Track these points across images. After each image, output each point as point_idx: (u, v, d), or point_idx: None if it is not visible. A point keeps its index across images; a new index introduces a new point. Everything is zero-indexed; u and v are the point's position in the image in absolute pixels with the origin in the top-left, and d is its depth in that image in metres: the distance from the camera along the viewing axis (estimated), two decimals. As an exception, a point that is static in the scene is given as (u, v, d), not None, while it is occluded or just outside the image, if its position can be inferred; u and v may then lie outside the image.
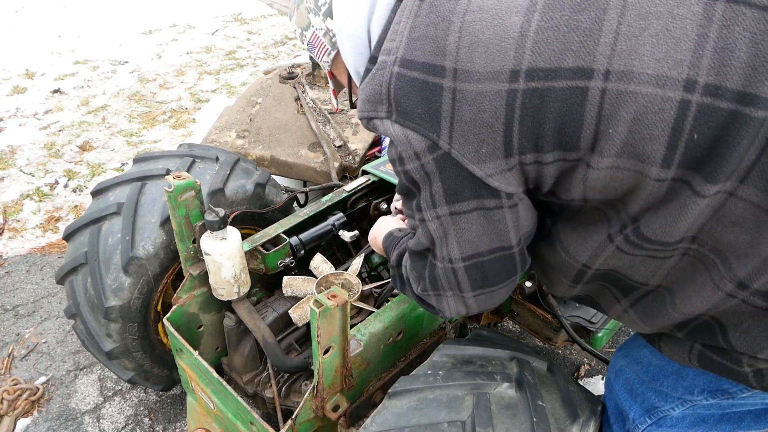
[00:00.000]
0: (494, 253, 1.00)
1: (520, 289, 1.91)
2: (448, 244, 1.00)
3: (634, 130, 0.76)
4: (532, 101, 0.79)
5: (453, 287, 1.07)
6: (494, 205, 0.92)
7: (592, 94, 0.76)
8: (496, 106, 0.81)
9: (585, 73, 0.76)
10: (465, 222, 0.95)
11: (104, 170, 3.78)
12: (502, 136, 0.83)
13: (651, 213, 0.84)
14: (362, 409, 1.46)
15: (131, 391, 2.26)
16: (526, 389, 1.21)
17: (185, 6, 7.13)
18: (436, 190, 0.92)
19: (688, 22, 0.72)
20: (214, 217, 1.45)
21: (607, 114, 0.76)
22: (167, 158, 1.87)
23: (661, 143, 0.76)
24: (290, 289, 1.69)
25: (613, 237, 0.92)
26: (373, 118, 0.93)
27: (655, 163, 0.78)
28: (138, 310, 1.69)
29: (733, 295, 0.86)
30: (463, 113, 0.83)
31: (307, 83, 3.00)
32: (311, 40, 1.15)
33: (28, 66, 5.34)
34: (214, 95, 4.87)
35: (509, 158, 0.86)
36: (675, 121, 0.74)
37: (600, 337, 1.91)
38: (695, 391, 1.11)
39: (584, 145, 0.81)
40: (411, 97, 0.87)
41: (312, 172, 2.55)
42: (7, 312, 2.66)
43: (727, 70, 0.71)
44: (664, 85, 0.73)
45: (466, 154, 0.86)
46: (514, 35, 0.78)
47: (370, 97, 0.92)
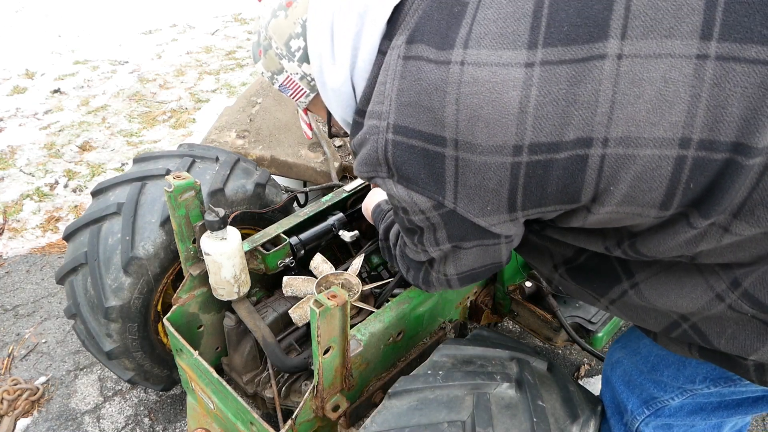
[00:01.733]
0: (486, 267, 1.10)
1: (520, 289, 1.91)
2: (446, 265, 1.09)
3: (634, 185, 0.79)
4: (536, 171, 0.81)
5: (443, 286, 1.20)
6: (493, 243, 0.99)
7: (592, 160, 0.78)
8: (500, 176, 0.83)
9: (585, 142, 0.78)
10: (464, 253, 1.03)
11: (104, 170, 3.78)
12: (506, 199, 0.86)
13: (649, 234, 0.87)
14: (362, 409, 1.46)
15: (131, 391, 2.26)
16: (526, 389, 1.21)
17: (185, 6, 7.12)
18: (441, 235, 0.98)
19: (680, 84, 0.73)
20: (214, 217, 1.45)
21: (607, 175, 0.79)
22: (167, 158, 1.87)
23: (659, 193, 0.79)
24: (290, 289, 1.69)
25: (611, 249, 0.95)
26: (374, 177, 0.95)
27: (654, 207, 0.81)
28: (138, 310, 1.69)
29: (722, 297, 0.89)
30: (467, 179, 0.85)
31: (307, 83, 3.00)
32: (284, 83, 1.12)
33: (28, 66, 5.34)
34: (214, 95, 4.87)
35: (512, 213, 0.89)
36: (672, 174, 0.77)
37: (600, 337, 1.91)
38: (697, 380, 1.12)
39: (585, 199, 0.83)
40: (412, 164, 0.88)
41: (312, 172, 2.55)
42: (7, 312, 2.66)
43: (720, 125, 0.73)
44: (660, 146, 0.76)
45: (472, 210, 0.89)
46: (514, 111, 0.78)
47: (367, 160, 0.93)
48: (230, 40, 6.21)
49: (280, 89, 1.15)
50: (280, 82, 1.12)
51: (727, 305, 0.89)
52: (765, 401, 1.12)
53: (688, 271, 0.92)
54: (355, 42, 0.95)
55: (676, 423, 1.23)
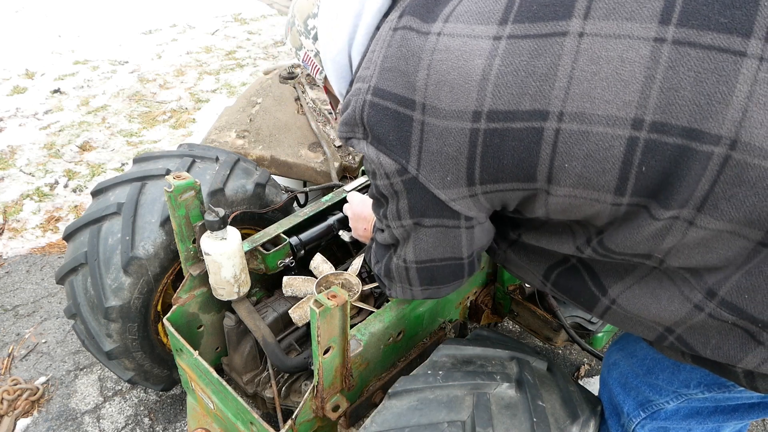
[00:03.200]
0: (446, 261, 1.11)
1: (520, 289, 1.91)
2: (407, 248, 1.11)
3: (588, 165, 0.81)
4: (493, 140, 0.85)
5: (403, 281, 1.21)
6: (453, 224, 1.00)
7: (546, 134, 0.81)
8: (459, 142, 0.87)
9: (540, 115, 0.81)
10: (424, 234, 1.04)
11: (104, 170, 3.78)
12: (465, 168, 0.89)
13: (615, 227, 0.89)
14: (362, 409, 1.46)
15: (131, 391, 2.26)
16: (526, 389, 1.21)
17: (185, 6, 7.12)
18: (403, 206, 1.01)
19: (636, 65, 0.75)
20: (214, 217, 1.45)
21: (561, 151, 0.82)
22: (167, 158, 1.87)
23: (612, 175, 0.81)
24: (290, 289, 1.69)
25: (581, 248, 0.98)
26: (351, 138, 1.00)
27: (609, 191, 0.83)
28: (138, 310, 1.69)
29: (701, 307, 0.89)
30: (430, 144, 0.89)
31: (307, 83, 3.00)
32: (304, 59, 1.22)
33: (28, 66, 5.34)
34: (214, 95, 4.87)
35: (471, 187, 0.92)
36: (624, 155, 0.79)
37: (600, 337, 1.91)
38: (691, 385, 1.12)
39: (541, 178, 0.86)
40: (383, 125, 0.93)
41: (312, 172, 2.55)
42: (7, 312, 2.66)
43: (673, 108, 0.75)
44: (613, 124, 0.78)
45: (432, 180, 0.93)
46: (476, 78, 0.83)
47: (347, 120, 0.99)
48: (230, 40, 6.21)
49: (302, 65, 1.24)
50: (301, 58, 1.23)
51: (707, 314, 0.89)
52: (761, 407, 1.11)
53: (660, 282, 0.93)
54: (356, 20, 1.03)
55: (673, 426, 1.23)
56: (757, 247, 0.80)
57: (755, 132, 0.72)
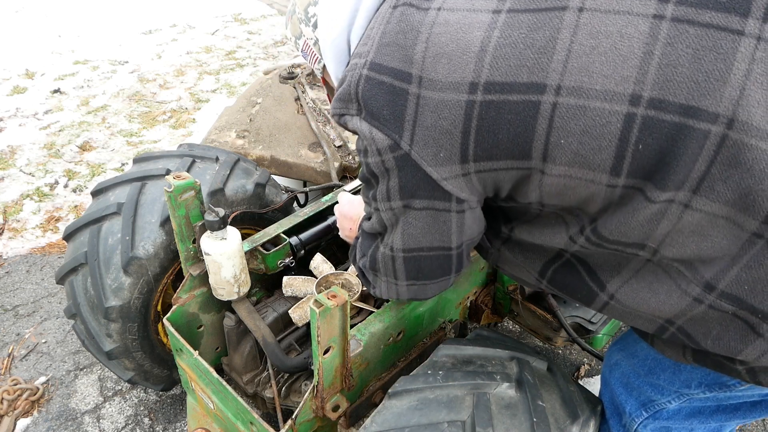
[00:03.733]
0: (434, 251, 1.07)
1: (520, 289, 1.91)
2: (395, 234, 1.07)
3: (584, 141, 0.81)
4: (488, 113, 0.84)
5: (389, 274, 1.16)
6: (443, 207, 0.97)
7: (543, 108, 0.81)
8: (455, 115, 0.86)
9: (538, 88, 0.80)
10: (413, 218, 1.01)
11: (104, 170, 3.78)
12: (459, 143, 0.88)
13: (609, 214, 0.88)
14: (362, 409, 1.46)
15: (131, 391, 2.26)
16: (526, 389, 1.20)
17: (185, 6, 7.12)
18: (393, 185, 0.98)
19: (635, 40, 0.76)
20: (214, 217, 1.45)
21: (557, 126, 0.81)
22: (167, 158, 1.87)
23: (609, 153, 0.80)
24: (290, 289, 1.69)
25: (574, 238, 0.96)
26: (344, 115, 0.99)
27: (604, 171, 0.82)
28: (138, 310, 1.69)
29: (700, 300, 0.88)
30: (425, 119, 0.88)
31: (307, 83, 3.00)
32: (303, 48, 1.21)
33: (28, 66, 5.34)
34: (214, 95, 4.87)
35: (464, 164, 0.91)
36: (621, 132, 0.78)
37: (600, 337, 1.91)
38: (692, 385, 1.12)
39: (536, 155, 0.85)
40: (378, 99, 0.92)
41: (312, 172, 2.55)
42: (7, 312, 2.66)
43: (671, 84, 0.75)
44: (611, 99, 0.77)
45: (425, 157, 0.91)
46: (475, 50, 0.84)
47: (341, 96, 0.98)
48: (230, 40, 6.21)
49: (302, 55, 1.24)
50: (300, 47, 1.22)
51: (707, 305, 0.88)
52: (763, 406, 1.11)
53: (656, 275, 0.92)
54: (356, 4, 1.03)
55: (675, 426, 1.23)
56: (752, 238, 0.79)
57: (752, 111, 0.72)
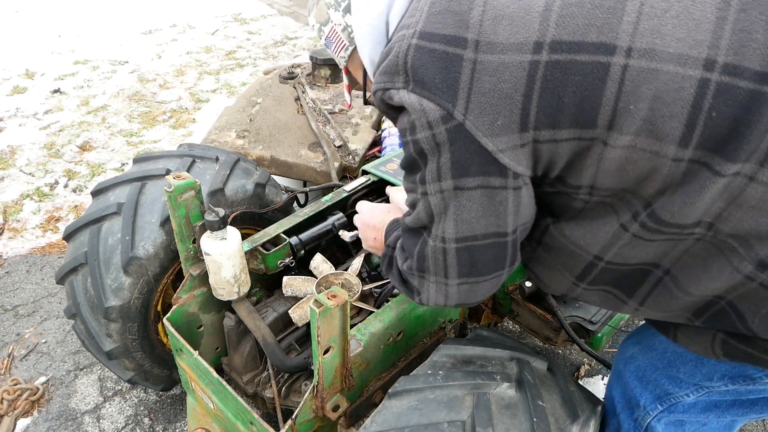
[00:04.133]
0: (488, 239, 0.99)
1: (520, 289, 1.91)
2: (445, 221, 0.98)
3: (655, 107, 0.78)
4: (554, 73, 0.81)
5: (439, 272, 1.05)
6: (499, 184, 0.91)
7: (613, 70, 0.78)
8: (517, 77, 0.83)
9: (607, 48, 0.78)
10: (466, 199, 0.93)
11: (104, 170, 3.78)
12: (519, 108, 0.84)
13: (667, 196, 0.85)
14: (362, 409, 1.46)
15: (131, 391, 2.26)
16: (526, 389, 1.20)
17: (185, 6, 7.13)
18: (444, 162, 0.91)
19: (707, 5, 0.75)
20: (214, 217, 1.45)
21: (627, 90, 0.79)
22: (167, 158, 1.87)
23: (680, 121, 0.78)
24: (290, 289, 1.69)
25: (627, 226, 0.92)
26: (388, 89, 0.93)
27: (673, 141, 0.79)
28: (138, 310, 1.69)
29: (752, 278, 0.87)
30: (482, 84, 0.84)
31: (307, 83, 3.00)
32: (329, 35, 1.18)
33: (28, 66, 5.34)
34: (214, 95, 4.87)
35: (524, 133, 0.86)
36: (694, 99, 0.76)
37: (600, 338, 1.91)
38: (714, 377, 1.10)
39: (602, 123, 0.82)
40: (429, 68, 0.87)
41: (312, 172, 2.55)
42: (7, 312, 2.66)
43: (746, 50, 0.74)
44: (684, 63, 0.76)
45: (480, 126, 0.86)
46: (539, 9, 0.81)
47: (387, 69, 0.93)
48: (230, 40, 6.21)
49: (325, 43, 1.21)
50: (325, 34, 1.19)
51: (758, 284, 0.86)
52: None
53: (709, 252, 0.89)
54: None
55: (689, 419, 1.21)
56: None
57: None
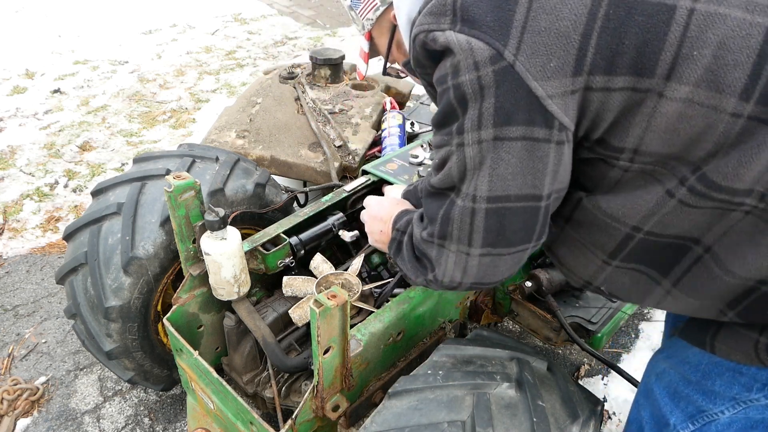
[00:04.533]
0: (522, 201, 0.93)
1: (520, 288, 1.91)
2: (479, 177, 0.92)
3: (719, 55, 0.76)
4: (617, 12, 0.79)
5: (463, 238, 0.99)
6: (543, 136, 0.87)
7: (679, 13, 0.77)
8: (577, 14, 0.80)
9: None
10: (506, 152, 0.88)
11: (104, 170, 3.78)
12: (576, 49, 0.81)
13: (720, 157, 0.82)
14: (362, 409, 1.46)
15: (131, 391, 2.26)
16: (526, 389, 1.20)
17: (185, 6, 7.13)
18: (487, 107, 0.86)
19: None
20: (214, 217, 1.45)
21: (692, 36, 0.77)
22: (167, 158, 1.87)
23: (744, 71, 0.76)
24: (290, 289, 1.69)
25: (673, 191, 0.87)
26: (432, 31, 0.89)
27: (734, 94, 0.77)
28: (138, 310, 1.69)
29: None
30: (537, 22, 0.82)
31: (307, 83, 3.00)
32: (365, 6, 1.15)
33: (28, 66, 5.34)
34: (214, 95, 4.87)
35: (577, 77, 0.83)
36: (761, 47, 0.74)
37: (600, 338, 1.91)
38: (755, 388, 1.01)
39: (661, 71, 0.79)
40: (481, 5, 0.85)
41: (312, 172, 2.55)
42: (7, 312, 2.66)
43: None
44: (753, 10, 0.74)
45: (531, 68, 0.82)
46: None
47: (433, 9, 0.89)
48: (230, 40, 6.21)
49: (351, 4, 1.17)
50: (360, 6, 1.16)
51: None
52: None
53: (758, 228, 0.84)
54: None
55: None
56: None
57: None
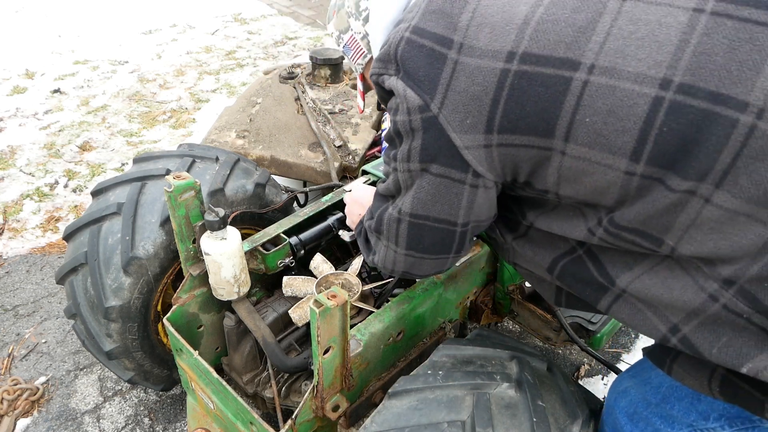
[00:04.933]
0: (439, 223, 1.09)
1: (520, 289, 1.91)
2: (406, 196, 1.09)
3: (609, 121, 0.82)
4: (520, 82, 0.87)
5: (390, 238, 1.18)
6: (458, 177, 1.00)
7: (574, 84, 0.84)
8: (488, 82, 0.90)
9: (572, 64, 0.84)
10: (427, 183, 1.03)
11: (104, 170, 3.78)
12: (487, 111, 0.91)
13: (625, 207, 0.89)
14: (362, 409, 1.46)
15: (131, 391, 2.26)
16: (526, 389, 1.20)
17: (185, 6, 7.12)
18: (415, 146, 1.00)
19: (672, 29, 0.79)
20: (214, 217, 1.45)
21: (585, 104, 0.84)
22: (167, 158, 1.87)
23: (631, 135, 0.81)
24: (290, 289, 1.69)
25: (593, 230, 0.96)
26: (382, 74, 1.03)
27: (624, 155, 0.83)
28: (138, 310, 1.69)
29: (716, 297, 0.86)
30: (458, 83, 0.92)
31: (307, 83, 3.00)
32: (348, 42, 1.25)
33: (28, 66, 5.34)
34: (214, 95, 4.87)
35: (489, 135, 0.93)
36: (647, 115, 0.80)
37: (600, 338, 1.91)
38: (711, 417, 1.02)
39: (559, 133, 0.87)
40: (416, 61, 0.96)
41: (312, 172, 2.55)
42: (7, 312, 2.66)
43: (703, 72, 0.76)
44: (642, 82, 0.80)
45: (452, 122, 0.94)
46: (518, 22, 0.88)
47: (382, 56, 1.02)
48: (230, 40, 6.21)
49: (343, 50, 1.29)
50: (344, 42, 1.26)
51: (721, 305, 0.86)
52: None
53: (672, 271, 0.91)
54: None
55: None
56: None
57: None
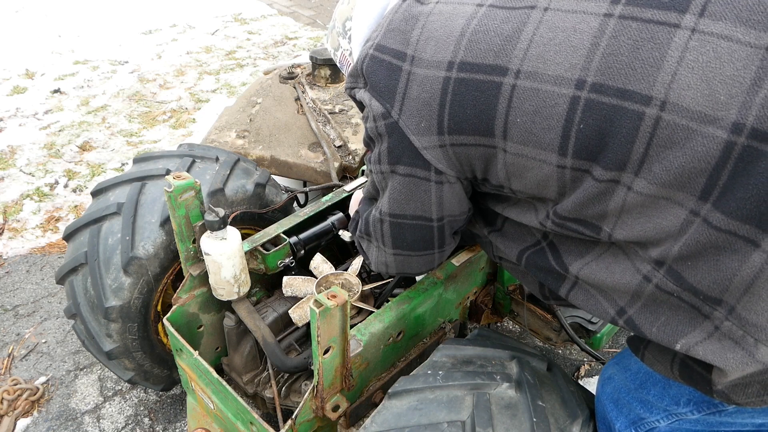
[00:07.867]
0: (415, 220, 1.20)
1: (520, 289, 1.91)
2: (384, 197, 1.21)
3: (535, 120, 0.92)
4: (460, 88, 0.98)
5: (378, 238, 1.29)
6: (423, 176, 1.11)
7: (504, 89, 0.94)
8: (434, 89, 1.01)
9: (501, 70, 0.94)
10: (398, 183, 1.14)
11: (104, 170, 3.78)
12: (436, 115, 1.02)
13: (566, 198, 0.98)
14: (362, 409, 1.46)
15: (131, 391, 2.26)
16: (526, 389, 1.21)
17: (185, 6, 7.12)
18: (383, 149, 1.13)
19: (585, 34, 0.87)
20: (214, 217, 1.45)
21: (515, 106, 0.94)
22: (167, 158, 1.87)
23: (556, 132, 0.91)
24: (290, 289, 1.69)
25: (544, 223, 1.06)
26: (354, 88, 1.17)
27: (553, 150, 0.93)
28: (138, 310, 1.69)
29: (649, 278, 0.94)
30: (412, 91, 1.04)
31: (307, 83, 3.00)
32: (341, 59, 1.37)
33: (28, 66, 5.34)
34: (214, 95, 4.87)
35: (441, 136, 1.04)
36: (567, 113, 0.89)
37: (600, 338, 1.91)
38: (681, 402, 1.08)
39: (498, 132, 0.98)
40: (378, 74, 1.09)
41: (312, 172, 2.55)
42: (7, 312, 2.66)
43: (611, 71, 0.85)
44: (560, 83, 0.89)
45: (410, 126, 1.06)
46: (456, 34, 1.00)
47: (352, 72, 1.17)
48: (230, 40, 6.21)
49: (339, 65, 1.40)
50: (338, 58, 1.38)
51: (654, 285, 0.93)
52: None
53: (615, 257, 0.99)
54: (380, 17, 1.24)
55: None
56: (689, 216, 0.84)
57: (684, 93, 0.79)
